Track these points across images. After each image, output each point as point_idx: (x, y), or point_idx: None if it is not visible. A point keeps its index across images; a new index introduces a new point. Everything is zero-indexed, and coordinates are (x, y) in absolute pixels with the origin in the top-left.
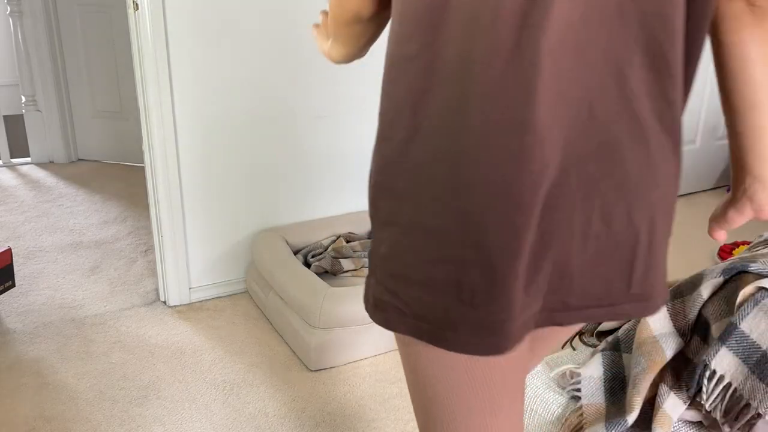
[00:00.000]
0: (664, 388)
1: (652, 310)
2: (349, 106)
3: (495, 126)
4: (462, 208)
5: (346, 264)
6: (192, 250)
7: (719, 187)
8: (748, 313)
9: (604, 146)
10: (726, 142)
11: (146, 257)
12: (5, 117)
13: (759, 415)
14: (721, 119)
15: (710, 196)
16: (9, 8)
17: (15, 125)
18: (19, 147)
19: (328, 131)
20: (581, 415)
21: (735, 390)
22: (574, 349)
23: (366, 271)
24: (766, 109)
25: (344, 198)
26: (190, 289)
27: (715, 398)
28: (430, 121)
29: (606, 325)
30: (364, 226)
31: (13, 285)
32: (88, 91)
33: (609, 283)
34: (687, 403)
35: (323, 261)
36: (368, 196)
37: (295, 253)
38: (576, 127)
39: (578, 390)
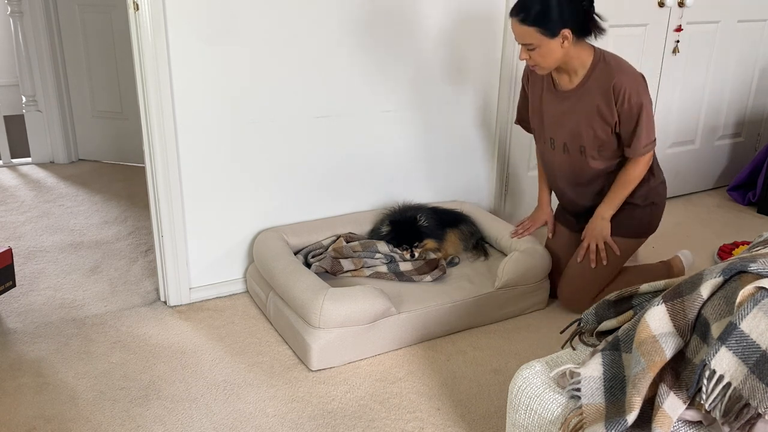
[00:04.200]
0: (663, 388)
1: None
2: (349, 106)
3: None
4: None
5: (346, 264)
6: (192, 250)
7: (719, 187)
8: (747, 313)
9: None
10: (724, 142)
11: (146, 257)
12: (5, 117)
13: (759, 415)
14: (720, 120)
15: (710, 196)
16: (9, 8)
17: (15, 125)
18: (19, 147)
19: (328, 131)
20: (581, 415)
21: (735, 390)
22: (574, 349)
23: (366, 271)
24: (608, 195)
25: (344, 198)
26: (190, 289)
27: (715, 398)
28: None
29: (606, 325)
30: (364, 226)
31: (13, 285)
32: (88, 91)
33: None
34: (687, 403)
35: (323, 261)
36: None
37: (295, 253)
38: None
39: (578, 390)
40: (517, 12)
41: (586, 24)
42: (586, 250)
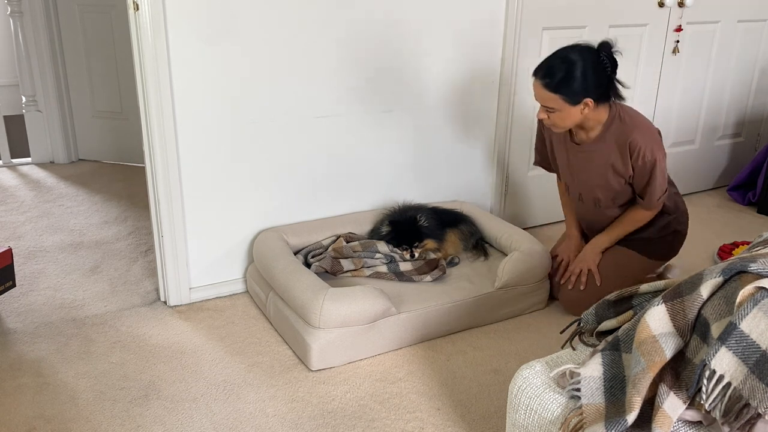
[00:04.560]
0: (663, 388)
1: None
2: (349, 106)
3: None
4: None
5: (346, 264)
6: (192, 250)
7: (719, 187)
8: (747, 313)
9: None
10: (724, 142)
11: (146, 257)
12: (5, 117)
13: (759, 415)
14: (720, 120)
15: (710, 196)
16: (9, 8)
17: (15, 125)
18: (19, 147)
19: (329, 131)
20: (581, 415)
21: (735, 390)
22: (574, 349)
23: (366, 271)
24: (610, 228)
25: (344, 198)
26: (190, 289)
27: (715, 398)
28: None
29: (606, 325)
30: (364, 226)
31: (13, 285)
32: (88, 91)
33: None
34: (687, 403)
35: (323, 261)
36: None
37: (295, 253)
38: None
39: (578, 390)
40: (541, 76)
41: (607, 91)
42: (570, 273)
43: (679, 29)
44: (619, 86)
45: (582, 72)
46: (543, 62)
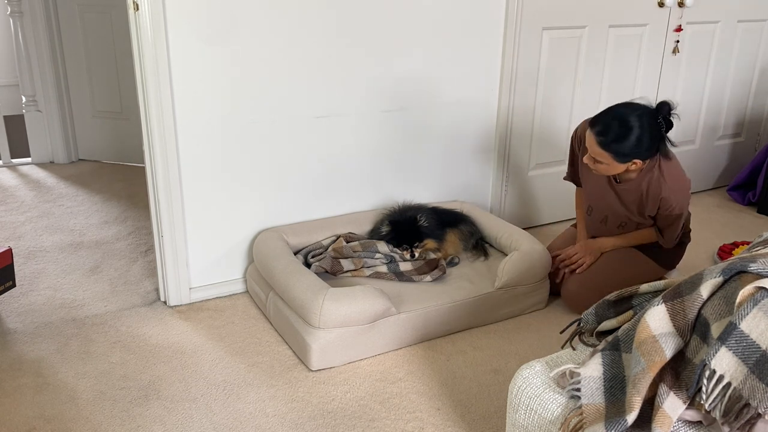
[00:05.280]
0: (663, 388)
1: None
2: (348, 106)
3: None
4: None
5: (346, 264)
6: (192, 250)
7: (719, 187)
8: (747, 313)
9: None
10: (724, 142)
11: (146, 257)
12: (5, 117)
13: (759, 415)
14: (720, 120)
15: (710, 196)
16: (9, 8)
17: (15, 125)
18: (19, 147)
19: (328, 131)
20: (581, 415)
21: (734, 390)
22: (574, 349)
23: (366, 271)
24: (623, 236)
25: (344, 198)
26: (190, 289)
27: (715, 398)
28: None
29: (606, 325)
30: (364, 226)
31: (13, 285)
32: (88, 91)
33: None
34: (686, 403)
35: (323, 261)
36: None
37: (295, 253)
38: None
39: (578, 390)
40: (597, 131)
41: (656, 150)
42: (569, 261)
43: (679, 29)
44: (669, 144)
45: (637, 137)
46: (601, 115)
